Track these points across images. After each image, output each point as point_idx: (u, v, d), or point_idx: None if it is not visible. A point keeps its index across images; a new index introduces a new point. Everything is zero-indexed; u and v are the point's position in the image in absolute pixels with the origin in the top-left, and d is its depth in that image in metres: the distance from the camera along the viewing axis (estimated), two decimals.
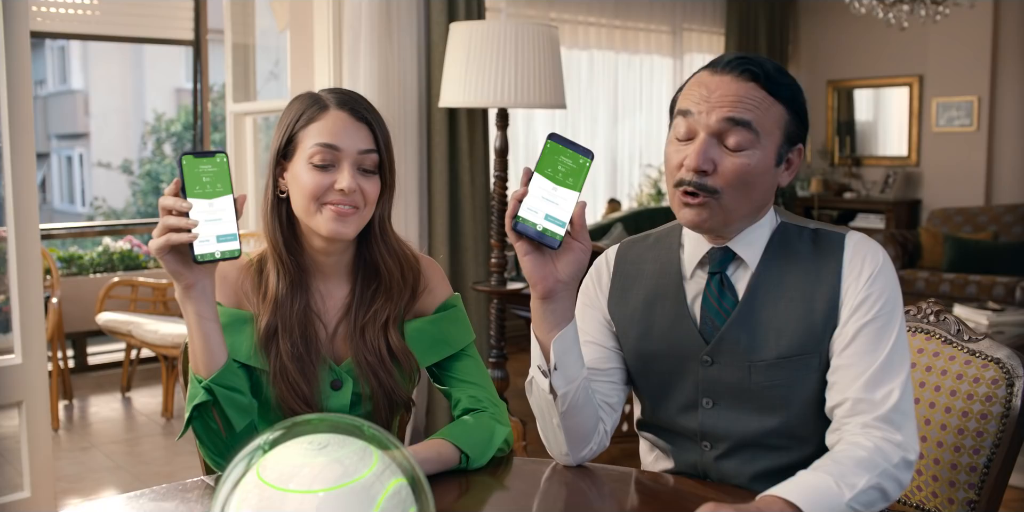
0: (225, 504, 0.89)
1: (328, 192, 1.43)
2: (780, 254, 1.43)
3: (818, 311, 1.38)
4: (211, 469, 1.61)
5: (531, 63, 3.35)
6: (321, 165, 1.43)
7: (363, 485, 0.86)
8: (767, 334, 1.39)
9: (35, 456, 3.03)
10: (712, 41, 7.15)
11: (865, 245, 1.40)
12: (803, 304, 1.39)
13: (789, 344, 1.38)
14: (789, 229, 1.45)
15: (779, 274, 1.41)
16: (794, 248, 1.43)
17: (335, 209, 1.43)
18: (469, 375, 1.58)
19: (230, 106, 5.22)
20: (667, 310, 1.47)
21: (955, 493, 1.59)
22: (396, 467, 0.90)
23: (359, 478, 0.86)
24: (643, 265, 1.53)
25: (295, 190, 1.45)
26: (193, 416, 1.39)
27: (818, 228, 1.45)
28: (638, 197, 6.89)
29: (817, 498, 1.17)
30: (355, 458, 0.88)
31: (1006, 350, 1.58)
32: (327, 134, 1.43)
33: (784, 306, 1.40)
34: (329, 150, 1.43)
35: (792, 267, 1.41)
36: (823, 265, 1.40)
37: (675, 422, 1.48)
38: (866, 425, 1.31)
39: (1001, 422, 1.54)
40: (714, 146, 1.35)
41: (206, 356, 1.36)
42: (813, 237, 1.43)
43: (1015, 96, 6.61)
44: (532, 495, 1.41)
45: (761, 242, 1.44)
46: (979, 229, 6.47)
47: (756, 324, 1.40)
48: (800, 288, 1.40)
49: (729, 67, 1.37)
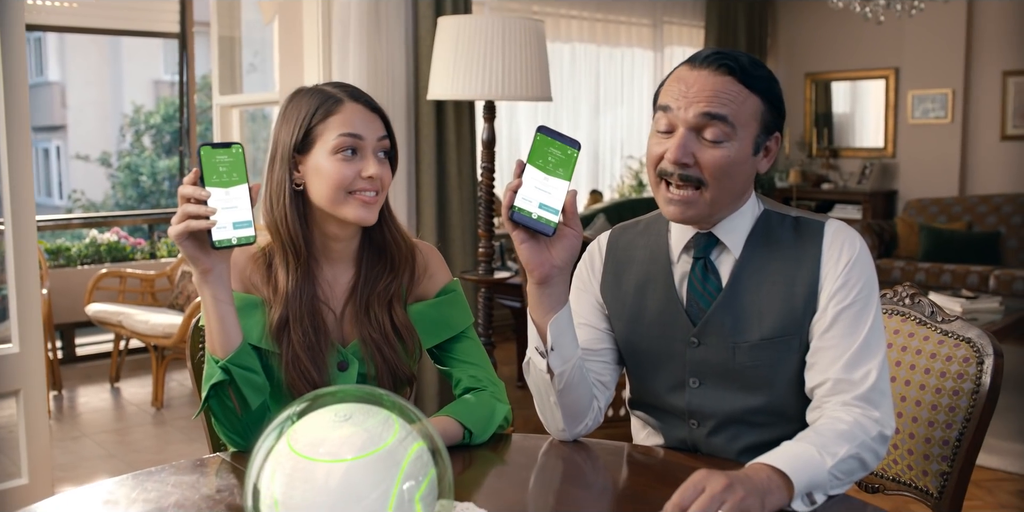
0: (259, 473, 0.95)
1: (355, 181, 1.50)
2: (763, 241, 1.50)
3: (799, 295, 1.46)
4: (217, 448, 1.68)
5: (518, 57, 3.41)
6: (347, 155, 1.49)
7: (388, 451, 0.93)
8: (750, 317, 1.47)
9: (32, 444, 3.08)
10: (692, 34, 7.24)
11: (843, 233, 1.48)
12: (784, 288, 1.47)
13: (771, 326, 1.46)
14: (772, 217, 1.53)
15: (762, 260, 1.49)
16: (776, 235, 1.50)
17: (361, 197, 1.50)
18: (469, 356, 1.66)
19: (216, 98, 5.25)
20: (657, 294, 1.55)
21: (929, 465, 1.68)
22: (416, 434, 0.97)
23: (384, 445, 0.93)
24: (634, 251, 1.60)
25: (318, 181, 1.51)
26: (210, 395, 1.45)
27: (799, 216, 1.52)
28: (620, 188, 6.97)
29: (801, 465, 1.26)
30: (378, 427, 0.95)
31: (976, 330, 1.67)
32: (349, 125, 1.50)
33: (767, 290, 1.48)
34: (353, 139, 1.50)
35: (775, 254, 1.49)
36: (803, 252, 1.48)
37: (664, 400, 1.57)
38: (846, 403, 1.40)
39: (972, 398, 1.63)
40: (693, 140, 1.42)
41: (222, 337, 1.42)
42: (795, 225, 1.51)
43: (988, 89, 6.74)
44: (530, 468, 1.49)
45: (744, 228, 1.51)
46: (953, 219, 6.60)
47: (740, 308, 1.48)
48: (782, 273, 1.48)
49: (707, 62, 1.44)
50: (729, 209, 1.50)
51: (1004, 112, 6.69)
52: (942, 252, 6.29)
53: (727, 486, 1.16)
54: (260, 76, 6.46)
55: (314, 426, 0.96)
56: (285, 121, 1.55)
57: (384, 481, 0.91)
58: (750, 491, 1.18)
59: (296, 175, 1.54)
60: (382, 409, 0.97)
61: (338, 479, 0.91)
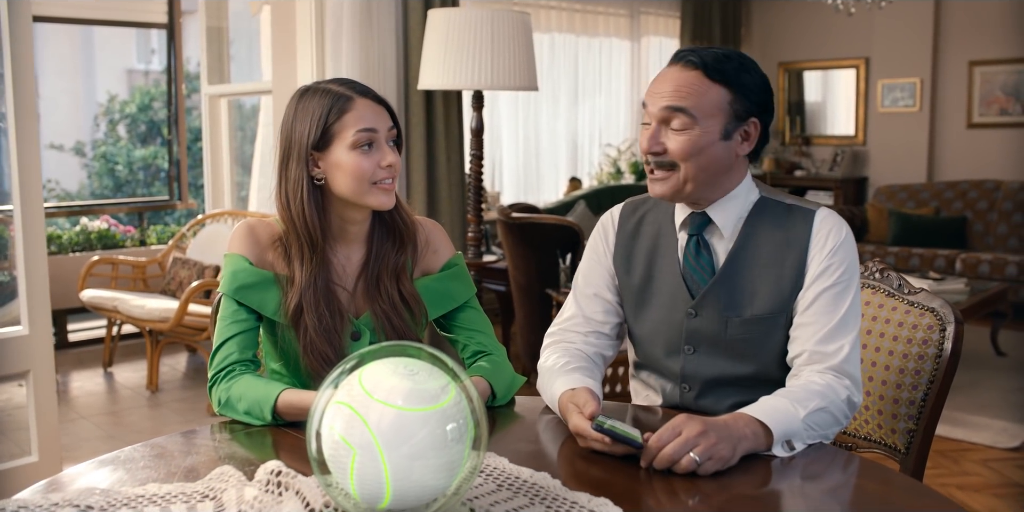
0: (335, 390, 1.10)
1: (375, 171, 1.63)
2: (758, 225, 1.67)
3: (787, 277, 1.63)
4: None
5: (505, 48, 3.55)
6: (365, 149, 1.62)
7: (442, 411, 1.07)
8: (744, 295, 1.64)
9: (42, 422, 3.19)
10: (668, 24, 7.39)
11: (831, 220, 1.65)
12: (775, 270, 1.64)
13: (762, 305, 1.64)
14: (767, 203, 1.69)
15: (756, 243, 1.66)
16: (770, 221, 1.67)
17: (382, 185, 1.64)
18: (473, 324, 1.81)
19: (205, 88, 5.34)
20: (663, 266, 1.72)
21: (897, 424, 1.84)
22: (465, 401, 1.11)
23: (437, 406, 1.07)
24: (644, 225, 1.77)
25: (340, 175, 1.63)
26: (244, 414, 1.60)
27: (793, 204, 1.69)
28: (598, 175, 7.12)
29: (776, 415, 1.43)
30: (436, 389, 1.09)
31: (939, 300, 1.84)
32: (364, 121, 1.63)
33: (758, 272, 1.65)
34: (369, 133, 1.63)
35: (767, 237, 1.66)
36: (793, 236, 1.64)
37: (662, 364, 1.73)
38: (820, 371, 1.58)
39: (935, 361, 1.80)
40: (662, 130, 1.60)
41: (297, 417, 1.55)
42: (788, 211, 1.67)
43: (955, 78, 6.95)
44: (535, 423, 1.63)
45: (737, 211, 1.67)
46: (921, 205, 6.82)
47: (734, 286, 1.65)
48: (773, 256, 1.64)
49: (676, 59, 1.62)
50: (713, 189, 1.65)
51: (970, 101, 6.90)
52: (911, 237, 6.50)
53: (701, 432, 1.33)
54: (242, 66, 6.53)
55: (384, 372, 1.09)
56: (298, 120, 1.65)
57: (430, 424, 1.06)
58: (723, 437, 1.35)
59: (316, 171, 1.66)
60: (445, 375, 1.11)
61: (389, 421, 1.05)
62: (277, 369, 1.76)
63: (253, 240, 1.70)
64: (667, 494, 1.30)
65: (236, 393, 1.60)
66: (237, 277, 1.67)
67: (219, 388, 1.63)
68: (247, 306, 1.67)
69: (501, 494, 1.23)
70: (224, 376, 1.64)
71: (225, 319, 1.68)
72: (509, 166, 6.55)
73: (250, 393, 1.58)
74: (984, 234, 6.55)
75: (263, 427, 1.56)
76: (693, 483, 1.31)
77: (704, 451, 1.32)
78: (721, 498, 1.28)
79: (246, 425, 1.58)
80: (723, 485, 1.31)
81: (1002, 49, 6.68)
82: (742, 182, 1.69)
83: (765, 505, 1.30)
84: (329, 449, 1.08)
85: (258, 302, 1.67)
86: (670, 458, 1.32)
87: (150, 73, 13.28)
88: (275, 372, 1.76)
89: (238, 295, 1.66)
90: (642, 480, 1.33)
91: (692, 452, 1.31)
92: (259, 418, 1.56)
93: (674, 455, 1.32)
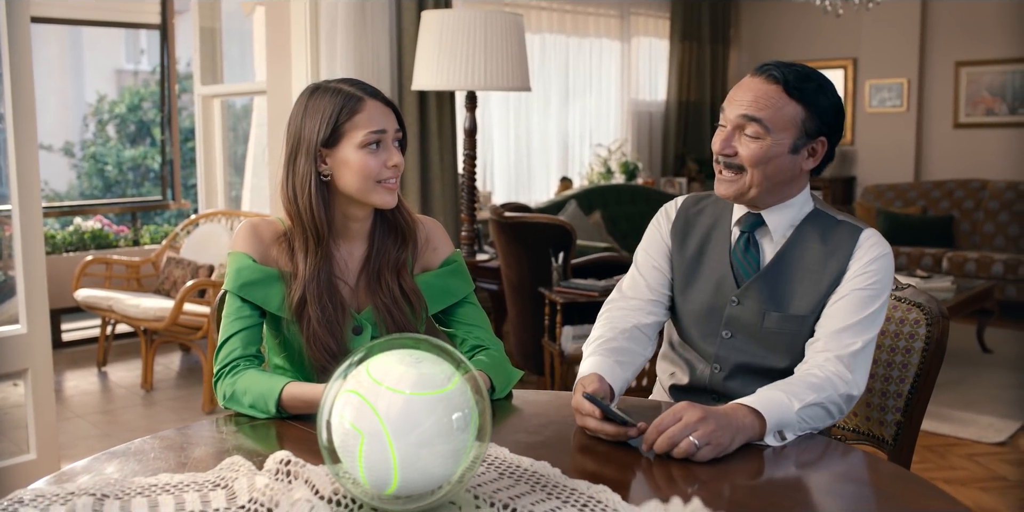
0: (344, 380, 1.14)
1: (381, 170, 1.67)
2: (807, 233, 1.77)
3: (825, 282, 1.72)
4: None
5: (499, 49, 3.59)
6: (372, 149, 1.67)
7: (446, 396, 1.12)
8: (784, 294, 1.74)
9: (40, 420, 3.22)
10: (658, 25, 7.45)
11: (876, 239, 1.75)
12: (815, 275, 1.73)
13: (799, 305, 1.73)
14: (820, 215, 1.79)
15: (802, 248, 1.76)
16: (819, 231, 1.76)
17: (387, 185, 1.69)
18: (471, 319, 1.85)
19: (198, 88, 5.37)
20: (713, 253, 1.83)
21: (885, 416, 1.89)
22: (469, 389, 1.15)
23: (442, 390, 1.11)
24: (701, 216, 1.88)
25: (347, 173, 1.67)
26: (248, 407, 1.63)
27: (843, 220, 1.78)
28: (589, 175, 7.17)
29: (772, 406, 1.48)
30: (442, 376, 1.13)
31: (926, 296, 1.89)
32: (374, 122, 1.67)
33: (800, 275, 1.74)
34: (378, 134, 1.67)
35: (813, 245, 1.75)
36: (838, 248, 1.73)
37: (698, 345, 1.84)
38: (827, 359, 1.64)
39: (922, 355, 1.85)
40: (736, 135, 1.70)
41: (305, 410, 1.59)
42: (837, 225, 1.77)
43: (942, 78, 7.03)
44: (533, 416, 1.67)
45: (790, 218, 1.77)
46: (909, 204, 6.89)
47: (776, 283, 1.75)
48: (815, 262, 1.74)
49: (760, 71, 1.71)
50: (773, 196, 1.76)
51: (957, 101, 6.97)
52: (898, 235, 6.57)
53: (702, 418, 1.39)
54: (238, 66, 6.55)
55: (390, 362, 1.13)
56: (308, 117, 1.69)
57: (437, 412, 1.10)
58: (723, 426, 1.40)
59: (323, 167, 1.70)
60: (449, 364, 1.16)
61: (398, 409, 1.09)
62: (280, 364, 1.79)
63: (257, 238, 1.74)
64: (666, 481, 1.34)
65: (241, 387, 1.63)
66: (241, 274, 1.70)
67: (224, 382, 1.67)
68: (251, 302, 1.71)
69: (503, 482, 1.27)
70: (229, 371, 1.68)
71: (229, 315, 1.71)
72: (500, 166, 6.59)
73: (255, 387, 1.62)
74: (970, 233, 6.63)
75: (268, 420, 1.60)
76: (689, 471, 1.35)
77: (703, 436, 1.37)
78: (718, 486, 1.32)
79: (251, 418, 1.62)
80: (719, 473, 1.35)
81: (988, 50, 6.76)
82: (800, 193, 1.79)
83: (762, 492, 1.34)
84: (339, 437, 1.12)
85: (262, 298, 1.71)
86: (670, 441, 1.37)
87: (139, 73, 13.24)
88: (278, 367, 1.80)
89: (242, 292, 1.70)
90: (639, 469, 1.37)
91: (691, 436, 1.36)
92: (264, 411, 1.60)
93: (674, 438, 1.37)
